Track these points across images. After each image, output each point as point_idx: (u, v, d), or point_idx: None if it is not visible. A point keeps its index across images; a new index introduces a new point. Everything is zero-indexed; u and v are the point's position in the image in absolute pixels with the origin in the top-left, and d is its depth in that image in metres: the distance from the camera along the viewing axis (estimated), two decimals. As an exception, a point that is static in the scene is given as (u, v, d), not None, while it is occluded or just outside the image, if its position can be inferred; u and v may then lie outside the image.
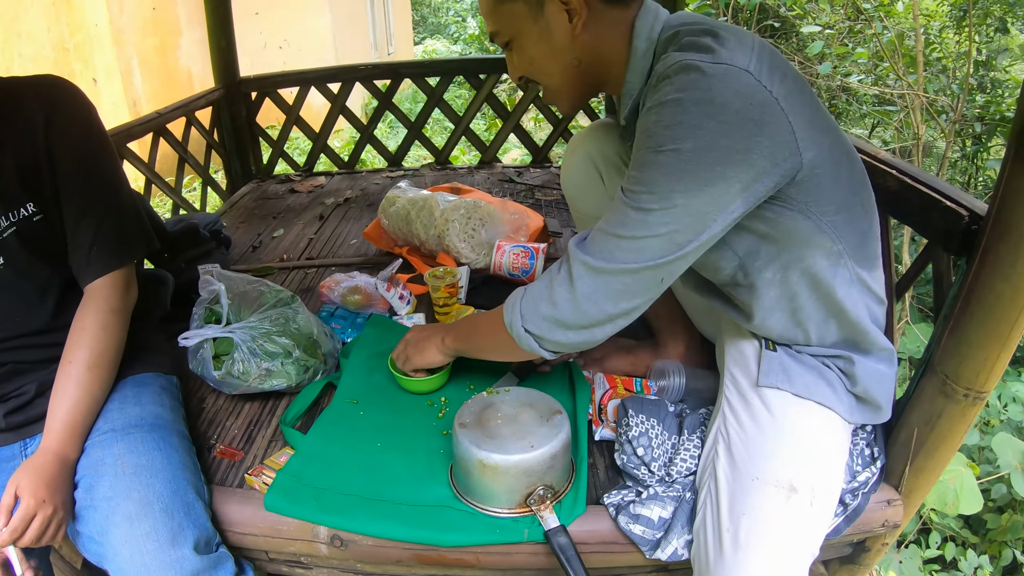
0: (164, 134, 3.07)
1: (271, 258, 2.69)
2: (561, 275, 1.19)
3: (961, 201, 1.31)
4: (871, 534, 1.43)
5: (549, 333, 1.22)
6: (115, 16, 6.55)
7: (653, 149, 1.05)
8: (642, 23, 1.21)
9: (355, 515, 1.36)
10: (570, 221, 2.86)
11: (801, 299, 1.24)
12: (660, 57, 1.15)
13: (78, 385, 1.36)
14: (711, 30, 1.10)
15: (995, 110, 4.50)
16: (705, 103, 1.01)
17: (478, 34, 12.96)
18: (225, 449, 1.60)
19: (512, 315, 1.26)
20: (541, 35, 1.22)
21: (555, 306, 1.19)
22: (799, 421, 1.25)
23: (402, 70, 3.65)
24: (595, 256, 1.13)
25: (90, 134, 1.44)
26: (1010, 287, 1.13)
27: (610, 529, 1.34)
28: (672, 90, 1.03)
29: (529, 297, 1.25)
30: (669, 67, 1.06)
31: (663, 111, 1.04)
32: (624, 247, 1.10)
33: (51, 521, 1.23)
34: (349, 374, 1.77)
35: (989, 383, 1.23)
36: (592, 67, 1.26)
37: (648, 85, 1.17)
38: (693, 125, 1.01)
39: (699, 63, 1.02)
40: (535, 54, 1.26)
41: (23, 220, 1.37)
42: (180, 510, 1.27)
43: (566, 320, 1.19)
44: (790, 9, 5.02)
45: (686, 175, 1.03)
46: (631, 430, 1.41)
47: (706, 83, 1.01)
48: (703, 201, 1.05)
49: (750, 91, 1.01)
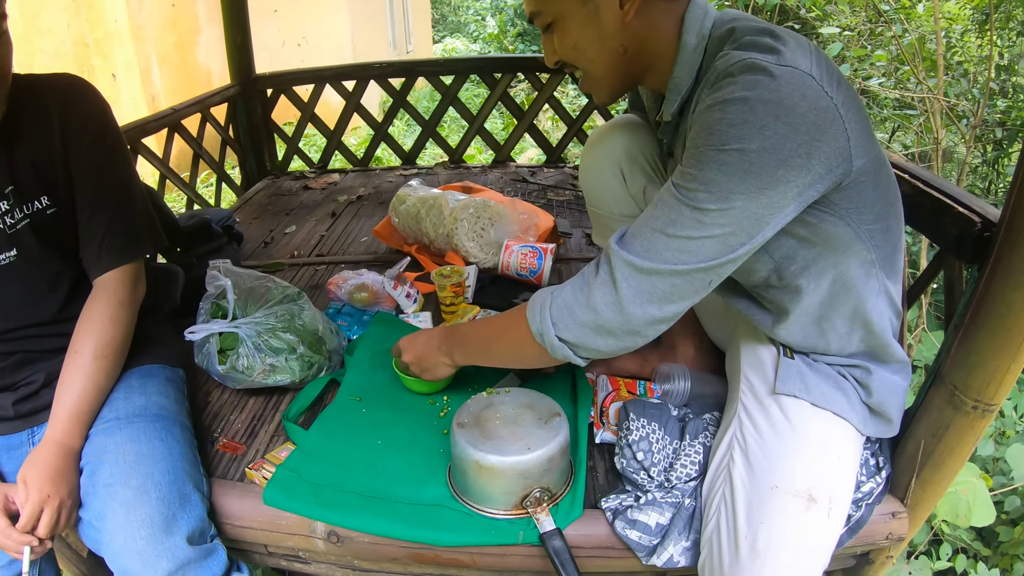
0: (179, 130, 3.08)
1: (282, 254, 2.70)
2: (601, 277, 1.13)
3: (973, 207, 1.29)
4: (875, 546, 1.41)
5: (588, 340, 1.17)
6: (134, 12, 6.60)
7: (715, 147, 1.01)
8: (692, 17, 1.17)
9: (352, 512, 1.37)
10: (582, 221, 2.85)
11: (830, 306, 1.22)
12: (714, 54, 1.13)
13: (84, 375, 1.38)
14: (770, 30, 1.07)
15: (1016, 115, 4.44)
16: (773, 103, 0.98)
17: (497, 33, 12.95)
18: (228, 443, 1.61)
19: (542, 324, 1.20)
20: (589, 18, 1.18)
21: (596, 311, 1.13)
22: (817, 430, 1.24)
23: (417, 68, 3.65)
24: (642, 256, 1.08)
25: (105, 132, 1.47)
26: (1022, 296, 1.10)
27: (606, 534, 1.33)
28: (738, 88, 1.00)
29: (561, 304, 1.18)
30: (732, 65, 1.03)
31: (728, 108, 1.00)
32: (675, 247, 1.06)
33: (60, 513, 1.27)
34: (353, 371, 1.78)
35: (999, 395, 1.20)
36: (638, 56, 1.22)
37: (703, 82, 1.13)
38: (760, 125, 0.98)
39: (765, 63, 1.00)
40: (580, 38, 1.21)
41: (37, 212, 1.40)
42: (176, 500, 1.30)
43: (608, 325, 1.13)
44: (809, 11, 4.98)
45: (748, 176, 1.00)
46: (631, 434, 1.40)
47: (774, 84, 0.98)
48: (761, 204, 1.02)
49: (815, 95, 0.99)
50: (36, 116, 1.38)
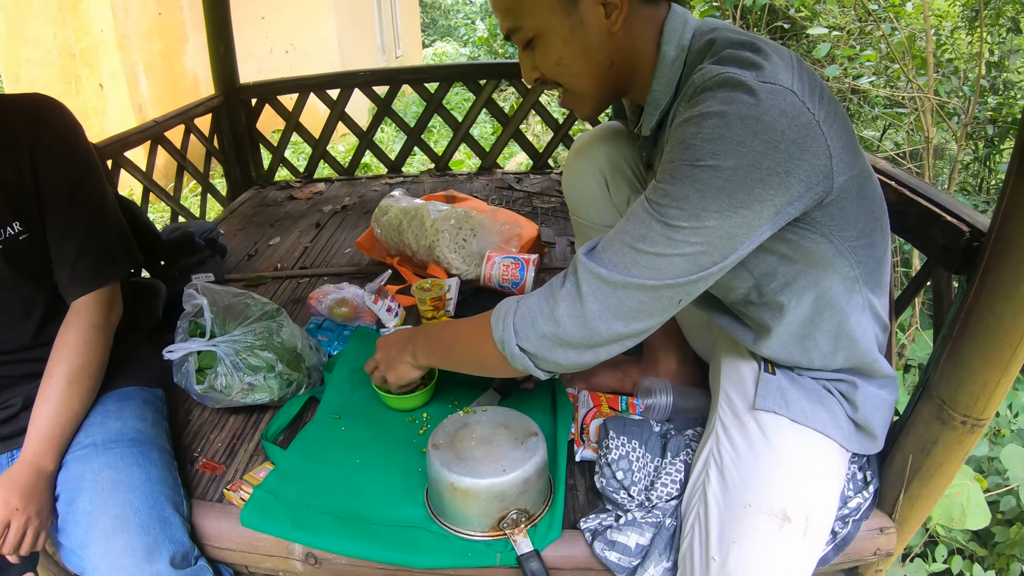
0: (163, 142, 3.06)
1: (266, 267, 2.67)
2: (566, 289, 1.09)
3: (962, 216, 1.26)
4: (862, 562, 1.38)
5: (548, 352, 1.13)
6: (120, 22, 6.57)
7: (689, 162, 0.97)
8: (671, 27, 1.13)
9: (329, 534, 1.35)
10: (567, 230, 2.82)
11: (813, 324, 1.19)
12: (693, 67, 1.09)
13: (58, 399, 1.38)
14: (751, 43, 1.03)
15: (1007, 112, 4.43)
16: (752, 120, 0.94)
17: (487, 37, 12.95)
18: (207, 462, 1.60)
19: (504, 332, 1.17)
20: (573, 31, 1.11)
21: (558, 323, 1.10)
22: (795, 448, 1.21)
23: (401, 76, 3.63)
24: (610, 268, 1.04)
25: (74, 153, 1.46)
26: (1012, 308, 1.07)
27: (585, 555, 1.31)
28: (715, 103, 0.96)
29: (525, 312, 1.15)
30: (710, 79, 0.99)
31: (704, 123, 0.96)
32: (643, 262, 1.02)
33: (26, 529, 1.27)
34: (332, 389, 1.76)
35: (988, 410, 1.17)
36: (623, 68, 1.16)
37: (680, 95, 1.10)
38: (737, 141, 0.94)
39: (744, 79, 0.95)
40: (565, 53, 1.14)
41: (9, 239, 1.39)
42: (156, 526, 1.29)
43: (570, 339, 1.10)
44: (798, 11, 4.96)
45: (722, 194, 0.96)
46: (611, 452, 1.37)
47: (752, 100, 0.94)
48: (735, 223, 0.98)
49: (795, 111, 0.95)
50: (4, 140, 1.36)
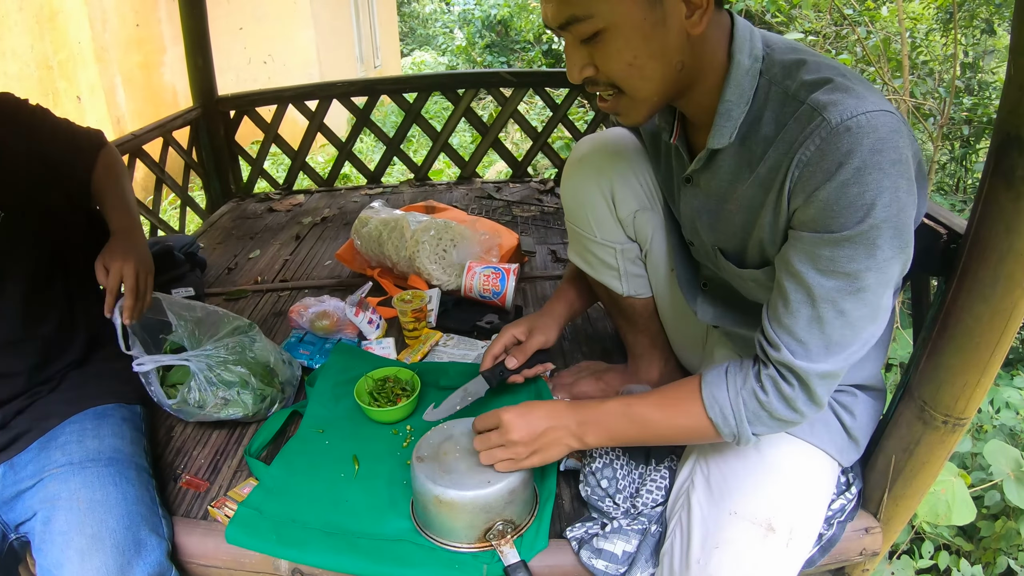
0: (141, 155, 3.02)
1: (246, 280, 2.65)
2: (795, 391, 1.07)
3: (939, 218, 1.27)
4: (849, 563, 1.39)
5: (783, 429, 1.14)
6: (98, 34, 6.51)
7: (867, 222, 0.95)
8: (741, 35, 1.05)
9: (315, 549, 1.35)
10: (547, 238, 2.83)
11: None
12: (773, 81, 1.04)
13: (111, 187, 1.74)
14: (840, 69, 1.01)
15: (982, 112, 4.48)
16: (899, 163, 0.93)
17: (465, 45, 12.94)
18: (191, 479, 1.59)
19: (739, 429, 1.12)
20: (655, 28, 0.99)
21: (801, 415, 1.09)
22: (785, 458, 1.21)
23: (379, 87, 3.61)
24: (836, 364, 1.05)
25: (21, 109, 1.69)
26: (989, 309, 1.08)
27: (572, 564, 1.31)
28: (865, 153, 0.92)
29: (754, 411, 1.11)
30: (849, 119, 0.93)
31: (866, 178, 0.93)
32: (851, 333, 1.03)
33: (138, 275, 1.55)
34: (315, 403, 1.75)
35: (969, 410, 1.18)
36: (690, 73, 1.06)
37: (767, 109, 1.05)
38: (893, 188, 0.93)
39: (877, 112, 0.93)
40: (642, 52, 1.01)
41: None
42: (131, 547, 1.29)
43: (807, 419, 1.11)
44: (774, 16, 5.00)
45: (895, 240, 0.97)
46: (595, 461, 1.37)
47: (893, 141, 0.92)
48: (906, 255, 1.00)
49: (905, 131, 0.95)
50: None
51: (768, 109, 1.04)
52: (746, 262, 1.19)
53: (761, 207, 1.08)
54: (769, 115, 1.04)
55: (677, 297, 1.50)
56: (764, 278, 1.16)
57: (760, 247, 1.13)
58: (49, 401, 1.51)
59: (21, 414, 1.47)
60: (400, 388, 1.73)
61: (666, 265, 1.50)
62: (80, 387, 1.56)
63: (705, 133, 1.12)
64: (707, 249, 1.29)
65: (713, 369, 1.16)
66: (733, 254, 1.22)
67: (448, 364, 1.87)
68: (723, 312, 1.38)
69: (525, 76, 3.64)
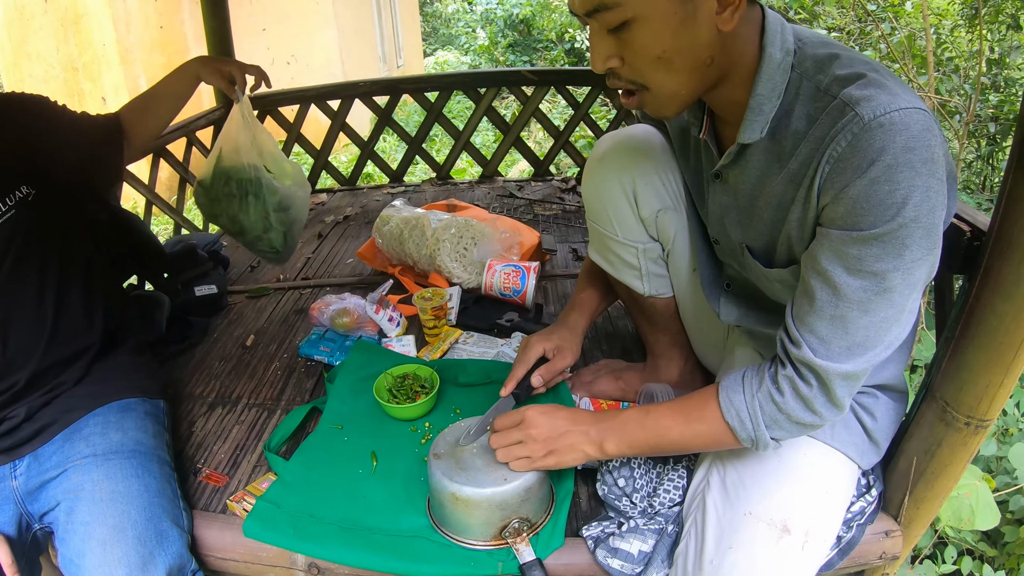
0: (165, 155, 3.05)
1: (268, 278, 2.67)
2: (814, 390, 1.06)
3: (962, 215, 1.25)
4: (868, 566, 1.38)
5: (802, 432, 1.13)
6: (122, 36, 6.60)
7: (895, 222, 0.93)
8: (772, 28, 1.03)
9: (332, 544, 1.36)
10: (568, 236, 2.82)
11: None
12: (805, 76, 1.03)
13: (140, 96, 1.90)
14: (868, 61, 1.00)
15: (1009, 109, 4.41)
16: (929, 162, 0.91)
17: (488, 45, 12.95)
18: (211, 474, 1.60)
19: (756, 433, 1.12)
20: (684, 22, 0.97)
21: (820, 417, 1.08)
22: (803, 460, 1.20)
23: (401, 86, 3.62)
24: (858, 364, 1.04)
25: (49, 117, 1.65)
26: (1013, 308, 1.06)
27: (588, 563, 1.31)
28: (898, 151, 0.91)
29: (771, 414, 1.11)
30: (881, 115, 0.92)
31: (897, 177, 0.91)
32: (875, 334, 1.02)
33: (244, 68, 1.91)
34: (334, 399, 1.76)
35: (992, 411, 1.16)
36: (719, 68, 1.04)
37: (798, 103, 1.03)
38: (925, 187, 0.91)
39: (908, 117, 0.91)
40: (671, 45, 0.98)
41: (19, 202, 1.47)
42: (153, 538, 1.30)
43: (827, 421, 1.10)
44: (797, 13, 4.96)
45: (924, 240, 0.95)
46: (612, 460, 1.35)
47: (926, 140, 0.91)
48: (934, 256, 0.99)
49: (936, 130, 0.93)
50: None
51: (799, 103, 1.03)
52: (774, 261, 1.18)
53: (791, 203, 1.07)
54: (800, 109, 1.03)
55: (699, 297, 1.49)
56: (790, 278, 1.15)
57: (788, 244, 1.12)
58: (73, 394, 1.52)
59: (46, 407, 1.48)
60: (419, 385, 1.73)
61: (688, 265, 1.49)
62: (104, 381, 1.56)
63: (734, 128, 1.11)
64: (734, 247, 1.28)
65: (731, 374, 1.16)
66: (761, 252, 1.20)
67: (467, 361, 1.88)
68: (746, 312, 1.36)
69: (547, 75, 3.63)
